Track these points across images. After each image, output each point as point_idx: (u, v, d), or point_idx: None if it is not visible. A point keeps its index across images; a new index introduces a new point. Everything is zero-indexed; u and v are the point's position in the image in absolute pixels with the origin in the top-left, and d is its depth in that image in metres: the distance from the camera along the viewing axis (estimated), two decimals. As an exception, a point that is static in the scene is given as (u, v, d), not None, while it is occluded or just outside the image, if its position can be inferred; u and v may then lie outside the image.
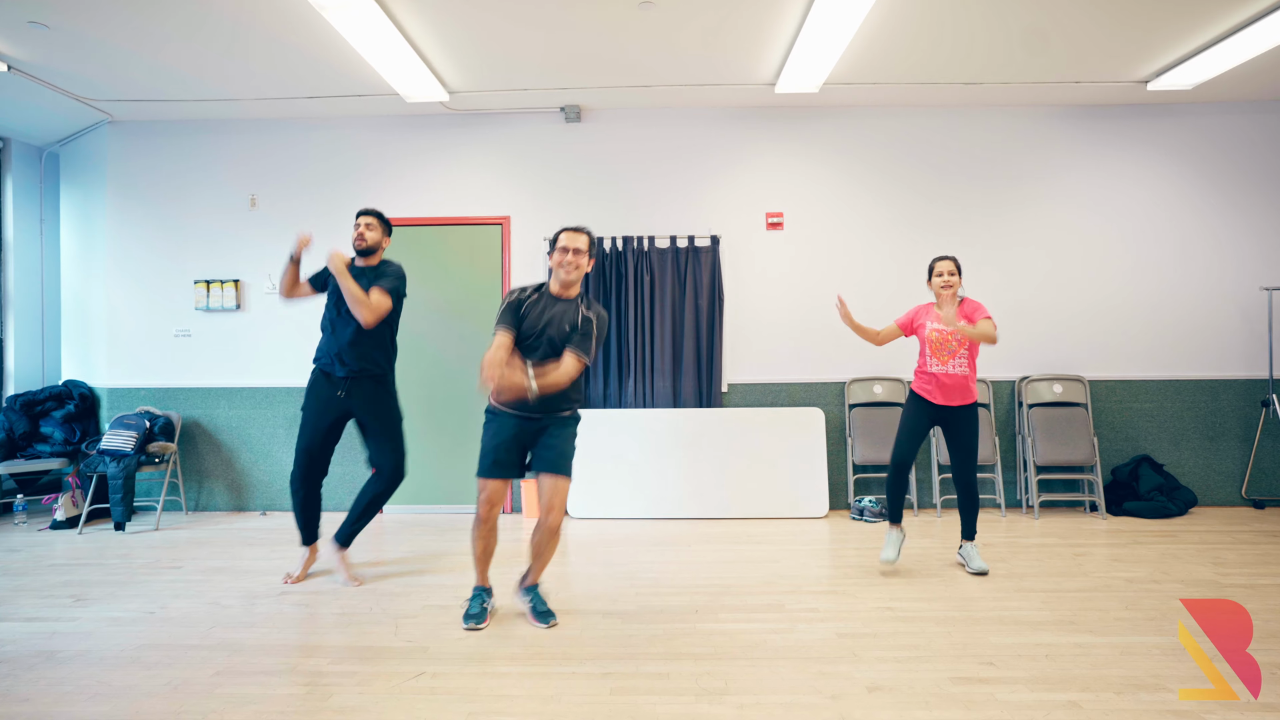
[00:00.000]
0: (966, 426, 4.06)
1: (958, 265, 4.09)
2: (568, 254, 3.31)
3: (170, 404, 5.83)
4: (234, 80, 5.17)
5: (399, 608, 3.58)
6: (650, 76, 5.23)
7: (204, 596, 3.76)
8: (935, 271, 4.10)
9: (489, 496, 3.32)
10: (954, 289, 4.05)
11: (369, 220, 4.03)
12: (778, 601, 3.63)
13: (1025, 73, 5.14)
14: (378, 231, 4.04)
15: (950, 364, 4.00)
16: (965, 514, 4.16)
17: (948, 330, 4.00)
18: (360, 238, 4.00)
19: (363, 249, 4.02)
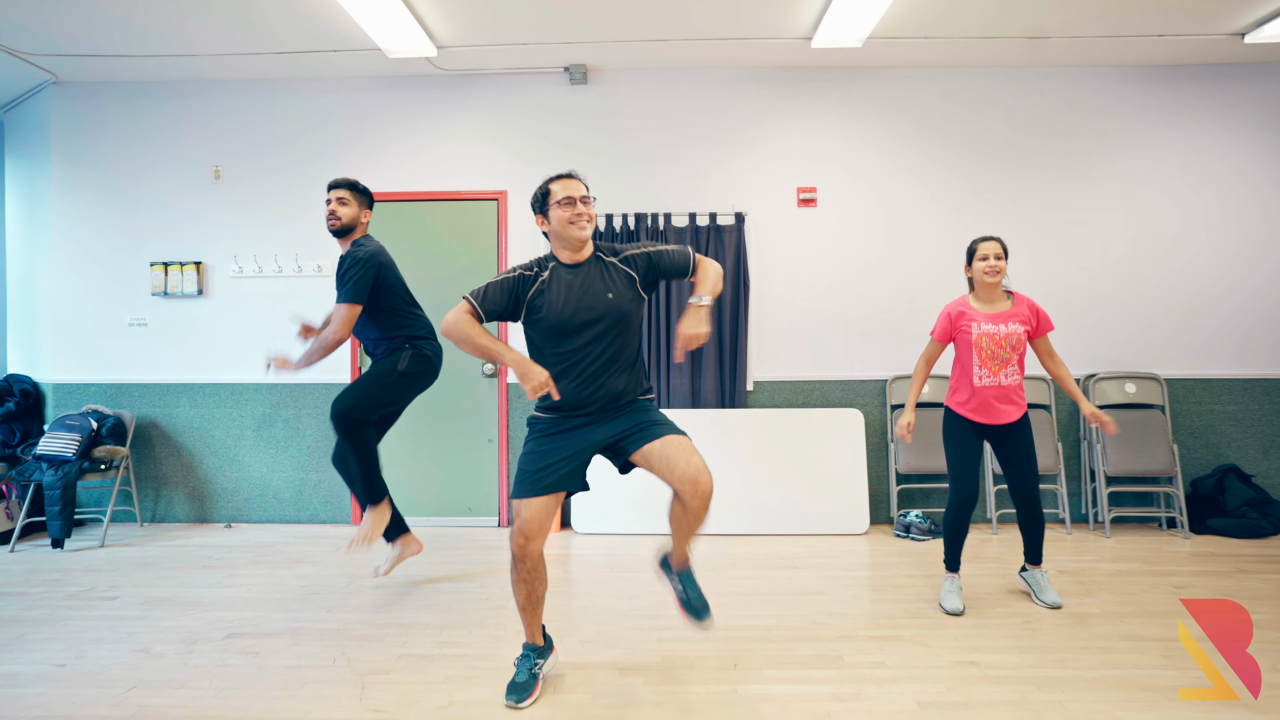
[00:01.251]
0: (1022, 440, 3.37)
1: (1005, 247, 3.36)
2: (575, 205, 2.53)
3: (123, 402, 5.16)
4: (193, 34, 4.49)
5: (368, 658, 2.91)
6: (668, 30, 4.54)
7: (133, 640, 3.10)
8: (979, 254, 3.36)
9: (526, 525, 2.45)
10: (1002, 275, 3.33)
11: (340, 194, 3.41)
12: (833, 652, 2.96)
13: (1099, 25, 4.45)
14: (353, 207, 3.40)
15: (1003, 374, 3.30)
16: (1029, 535, 3.49)
17: (1002, 333, 3.29)
18: (332, 215, 3.39)
19: (337, 229, 3.41)
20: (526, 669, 2.60)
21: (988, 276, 3.33)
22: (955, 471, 3.39)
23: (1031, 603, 3.46)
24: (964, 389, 3.38)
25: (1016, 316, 3.33)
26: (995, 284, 3.34)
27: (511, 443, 5.09)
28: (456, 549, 4.51)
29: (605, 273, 2.57)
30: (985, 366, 3.31)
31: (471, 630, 3.21)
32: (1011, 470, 3.40)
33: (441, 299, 5.08)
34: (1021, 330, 3.31)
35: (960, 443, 3.39)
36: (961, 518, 3.40)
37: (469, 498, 5.12)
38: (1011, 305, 3.37)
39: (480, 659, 2.91)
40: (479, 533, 4.92)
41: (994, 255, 3.32)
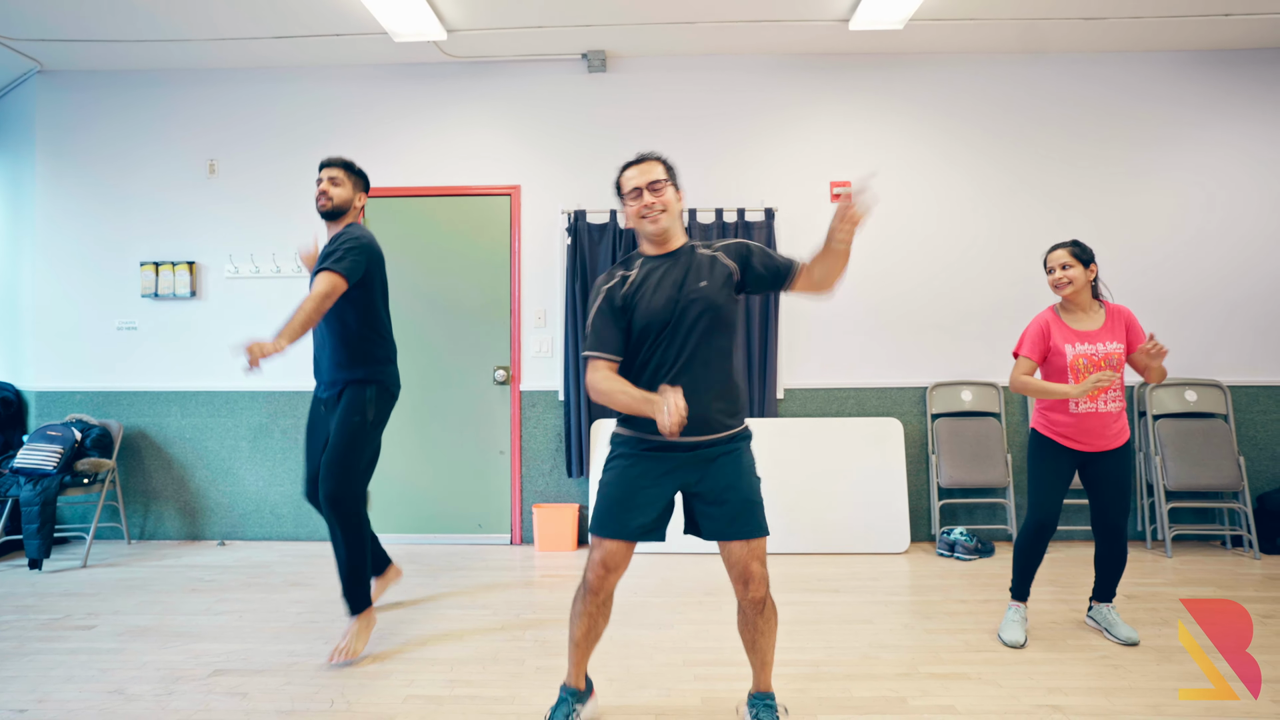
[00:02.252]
0: (1119, 466, 2.99)
1: (1079, 253, 2.96)
2: (642, 196, 2.21)
3: (110, 410, 4.83)
4: (187, 18, 4.20)
5: (370, 701, 2.57)
6: (694, 12, 4.23)
7: (107, 678, 2.76)
8: (1046, 265, 3.01)
9: (605, 558, 2.21)
10: (1077, 286, 2.94)
11: (333, 173, 3.04)
12: (894, 693, 2.62)
13: (1160, 5, 4.13)
14: (346, 188, 3.05)
15: (1103, 399, 2.92)
16: (1106, 570, 3.12)
17: (1101, 353, 2.92)
18: (323, 195, 3.02)
19: (328, 210, 3.03)
20: (564, 715, 2.29)
21: (1057, 290, 2.98)
22: (1035, 496, 3.03)
23: (1104, 638, 3.11)
24: (1059, 415, 2.98)
25: (1113, 334, 2.94)
26: (1072, 296, 2.97)
27: (524, 454, 4.76)
28: (467, 570, 4.18)
29: (699, 263, 2.24)
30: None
31: (486, 666, 2.87)
32: (1099, 497, 3.02)
33: (450, 301, 4.79)
34: (1121, 349, 2.93)
35: (1048, 464, 3.01)
36: (1037, 542, 3.04)
37: (480, 514, 4.78)
38: (1105, 320, 2.98)
39: (496, 701, 2.57)
40: (490, 551, 4.59)
41: (1059, 265, 2.96)
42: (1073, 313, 3.02)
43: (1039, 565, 3.12)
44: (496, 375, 4.79)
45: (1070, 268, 2.95)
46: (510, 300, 4.80)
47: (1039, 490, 3.04)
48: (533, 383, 4.77)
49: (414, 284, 4.72)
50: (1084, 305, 3.00)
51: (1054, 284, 2.99)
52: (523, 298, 4.78)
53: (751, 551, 2.17)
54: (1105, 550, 3.08)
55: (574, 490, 4.75)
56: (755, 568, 2.17)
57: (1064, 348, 2.96)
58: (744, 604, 2.22)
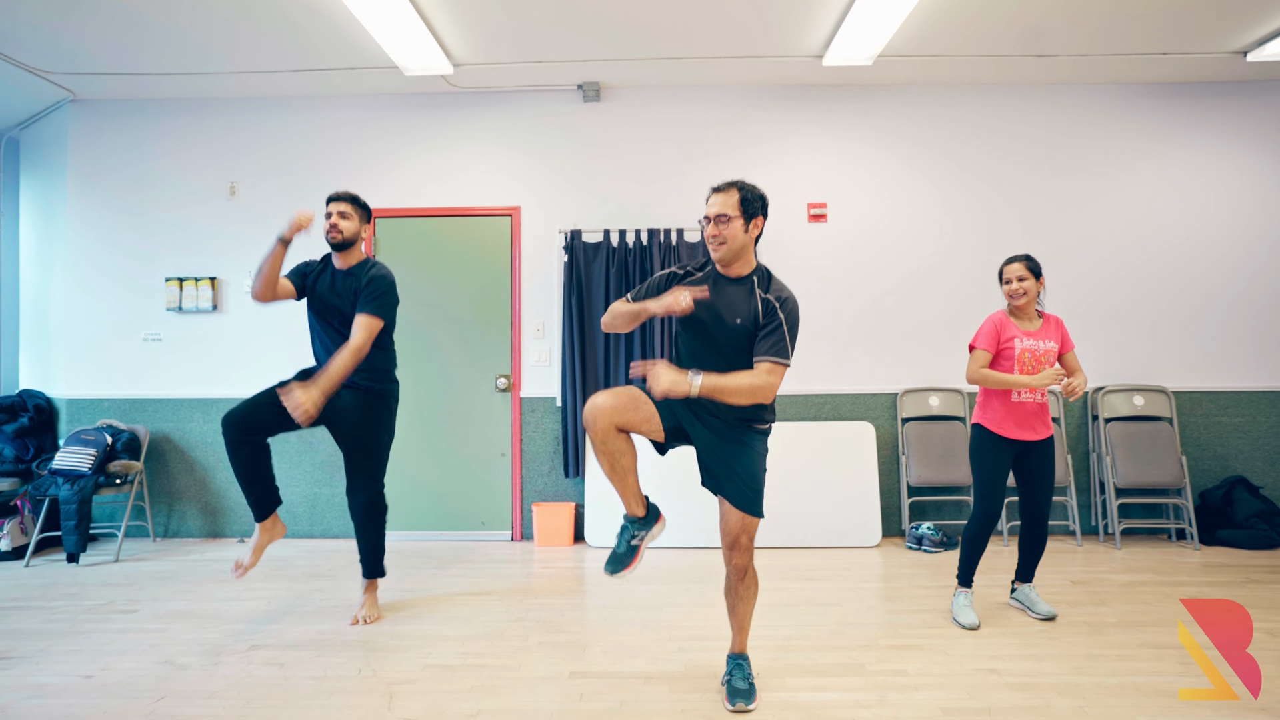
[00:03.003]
0: (1046, 458, 3.39)
1: (1032, 266, 3.36)
2: (709, 224, 2.53)
3: (137, 416, 5.18)
4: (212, 51, 4.56)
5: (393, 669, 2.93)
6: (680, 48, 4.62)
7: (157, 651, 3.11)
8: (1004, 277, 3.40)
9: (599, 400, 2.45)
10: (1030, 297, 3.35)
11: (342, 208, 3.37)
12: (854, 661, 2.99)
13: (1105, 44, 4.54)
14: (354, 221, 3.39)
15: (1038, 391, 3.31)
16: (1030, 551, 3.50)
17: (1042, 349, 3.33)
18: (334, 229, 3.34)
19: (338, 243, 3.36)
20: (625, 540, 2.64)
21: (1013, 300, 3.37)
22: (983, 488, 3.40)
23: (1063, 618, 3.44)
24: (1000, 405, 3.35)
25: (1049, 335, 3.37)
26: (1024, 305, 3.36)
27: (525, 456, 5.12)
28: (471, 563, 4.53)
29: (748, 299, 2.53)
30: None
31: (493, 641, 3.22)
32: (1029, 486, 3.41)
33: (455, 314, 5.15)
34: (1055, 348, 3.37)
35: (991, 460, 3.38)
36: (984, 533, 3.41)
37: (482, 512, 5.14)
38: (1043, 324, 3.40)
39: (504, 669, 2.93)
40: (493, 546, 4.94)
41: (1016, 278, 3.35)
42: (1019, 317, 3.41)
43: (983, 553, 3.48)
44: (498, 383, 5.16)
45: (1025, 280, 3.34)
46: (511, 313, 5.17)
47: (984, 484, 3.41)
48: (532, 390, 5.14)
49: (422, 298, 5.08)
50: (1030, 313, 3.41)
51: (1009, 293, 3.38)
52: (523, 311, 5.15)
53: (745, 524, 2.54)
54: (1031, 535, 3.46)
55: (571, 490, 5.11)
56: (744, 540, 2.54)
57: (1013, 342, 3.35)
58: (729, 568, 2.58)
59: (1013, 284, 3.36)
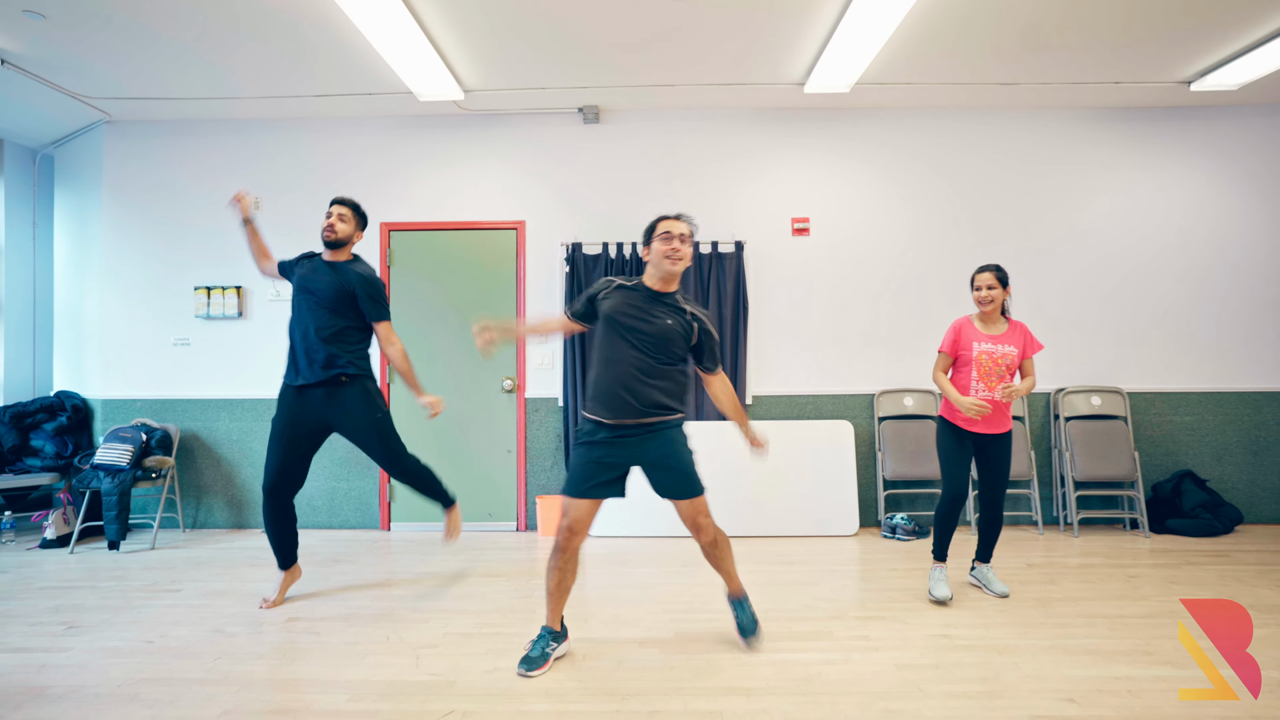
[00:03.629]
0: (1005, 452, 3.78)
1: (1000, 276, 3.73)
2: (672, 241, 2.89)
3: (168, 416, 5.57)
4: (241, 76, 4.94)
5: (418, 636, 3.32)
6: (673, 76, 5.02)
7: (206, 623, 3.50)
8: (974, 284, 3.77)
9: (571, 522, 2.92)
10: (997, 304, 3.72)
11: (342, 211, 3.76)
12: (824, 628, 3.39)
13: (1063, 73, 4.95)
14: (350, 224, 3.78)
15: (998, 390, 3.68)
16: (988, 535, 3.90)
17: (999, 353, 3.70)
18: (330, 229, 3.72)
19: (332, 241, 3.73)
20: (541, 647, 3.00)
21: (981, 306, 3.74)
22: (949, 472, 3.78)
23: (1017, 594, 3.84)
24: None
25: (1012, 340, 3.72)
26: (991, 311, 3.73)
27: (529, 454, 5.51)
28: (481, 550, 4.92)
29: (676, 312, 2.96)
30: (982, 381, 3.68)
31: (505, 615, 3.62)
32: (988, 475, 3.80)
33: (464, 321, 5.52)
34: (1015, 352, 3.70)
35: (953, 447, 3.77)
36: (953, 512, 3.79)
37: (489, 504, 5.53)
38: (1008, 329, 3.75)
39: (516, 636, 3.32)
40: (500, 536, 5.33)
41: (986, 286, 3.71)
42: (985, 322, 3.78)
43: (954, 531, 3.87)
44: (504, 385, 5.55)
45: (994, 288, 3.71)
46: (516, 319, 5.57)
47: (949, 468, 3.79)
48: (536, 391, 5.54)
49: (433, 305, 5.47)
50: (995, 318, 3.78)
51: (979, 299, 3.75)
52: (527, 317, 5.55)
53: (695, 508, 2.96)
54: (989, 519, 3.85)
55: (571, 483, 5.50)
56: (701, 520, 2.98)
57: (971, 344, 3.73)
58: (701, 543, 3.06)
59: (982, 291, 3.73)
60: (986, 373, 3.69)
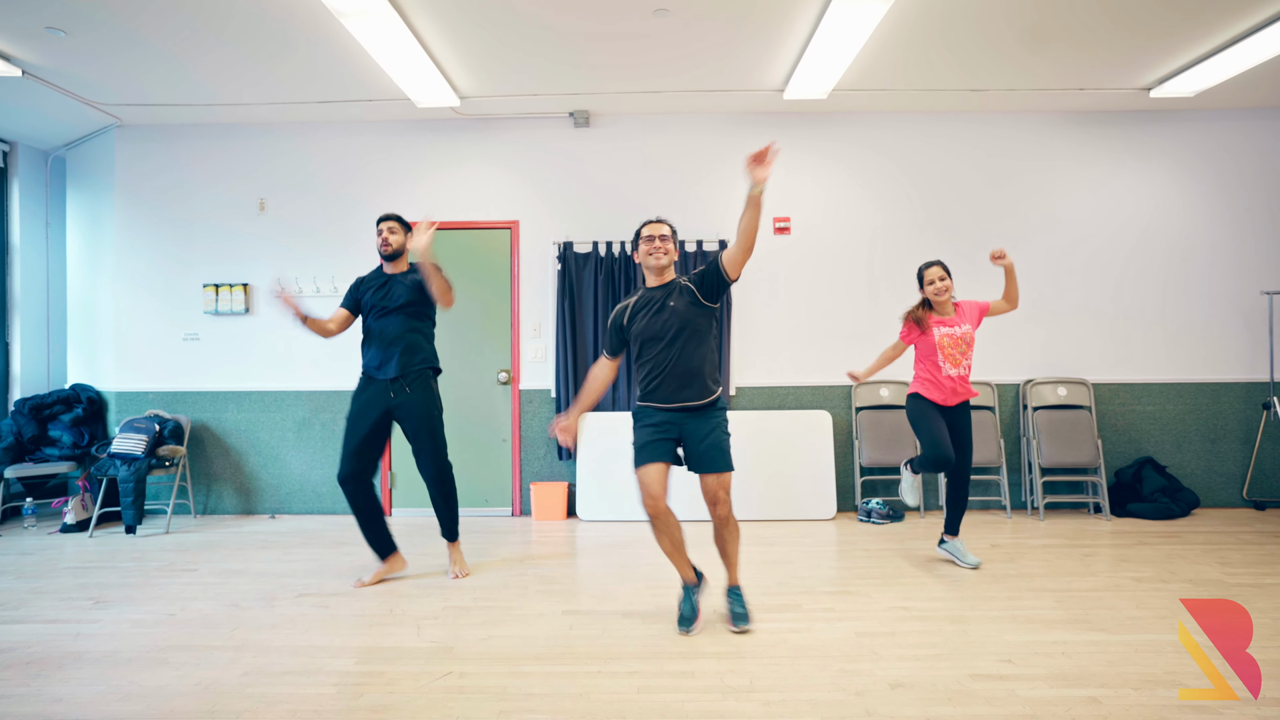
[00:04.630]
0: (966, 421, 4.15)
1: (946, 269, 4.13)
2: (653, 240, 3.27)
3: (179, 407, 5.84)
4: (247, 85, 5.19)
5: (419, 609, 3.61)
6: (660, 83, 5.27)
7: (222, 599, 3.78)
8: (926, 280, 4.13)
9: (648, 487, 3.20)
10: (950, 294, 4.10)
11: (391, 225, 4.11)
12: (794, 602, 3.67)
13: (1029, 80, 5.21)
14: (401, 235, 4.12)
15: (962, 365, 4.05)
16: (956, 507, 4.22)
17: (958, 334, 4.05)
18: (385, 243, 4.08)
19: (389, 254, 4.09)
20: (690, 604, 3.33)
21: (938, 296, 4.08)
22: (930, 435, 4.03)
23: (970, 572, 4.14)
24: (931, 381, 4.08)
25: (963, 319, 4.10)
26: (945, 301, 4.09)
27: (523, 443, 5.79)
28: (478, 533, 5.20)
29: (679, 292, 3.25)
30: (949, 360, 4.04)
31: (499, 590, 3.90)
32: (956, 447, 4.09)
33: (461, 316, 5.82)
34: (970, 329, 4.08)
35: (928, 416, 4.07)
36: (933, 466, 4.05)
37: (486, 490, 5.82)
38: (957, 312, 4.12)
39: (509, 608, 3.60)
40: (496, 521, 5.62)
41: (938, 278, 4.08)
42: (938, 311, 4.14)
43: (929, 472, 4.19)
44: (500, 377, 5.82)
45: (945, 279, 4.09)
46: (511, 315, 5.84)
47: (930, 431, 4.04)
48: (530, 383, 5.81)
49: (432, 302, 5.73)
50: (948, 306, 4.13)
51: (933, 291, 4.09)
52: (521, 313, 5.82)
53: (720, 482, 3.23)
54: (957, 490, 4.18)
55: (564, 471, 5.78)
56: (720, 494, 3.23)
57: (933, 330, 4.08)
58: (714, 519, 3.27)
59: (935, 284, 4.08)
60: (950, 354, 4.05)
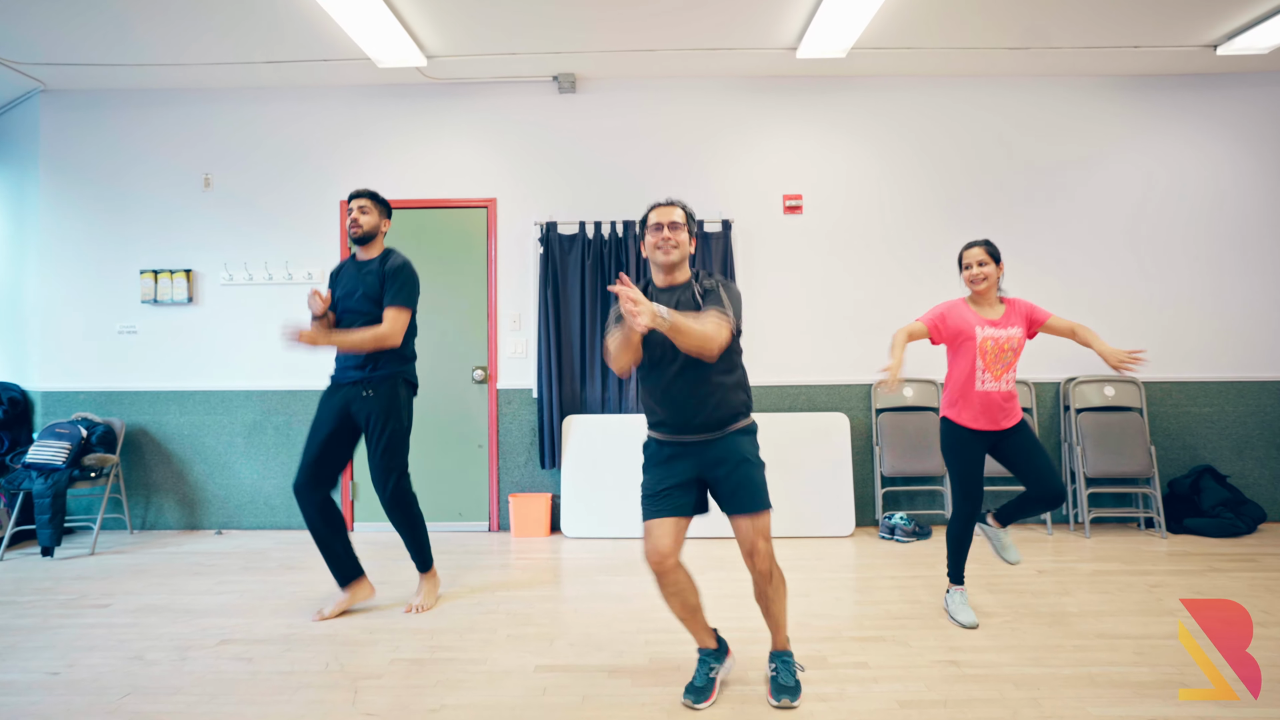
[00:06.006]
0: (1028, 437, 3.31)
1: (992, 251, 3.30)
2: (662, 230, 2.56)
3: (113, 409, 5.17)
4: (183, 41, 4.52)
5: (360, 663, 2.96)
6: (655, 39, 4.61)
7: (126, 647, 3.12)
8: (964, 262, 3.34)
9: (655, 544, 2.52)
10: (991, 282, 3.28)
11: (362, 203, 3.48)
12: (817, 653, 3.03)
13: (1077, 37, 4.55)
14: (374, 215, 3.49)
15: (1004, 379, 3.25)
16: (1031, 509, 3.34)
17: (1004, 336, 3.25)
18: (355, 224, 3.46)
19: (359, 236, 3.48)
20: (704, 674, 2.68)
21: (973, 285, 3.29)
22: (963, 485, 3.34)
23: (1028, 612, 3.48)
24: (964, 397, 3.30)
25: (1012, 320, 3.28)
26: (984, 290, 3.30)
27: (501, 448, 5.14)
28: (448, 553, 4.56)
29: (691, 299, 2.57)
30: (989, 370, 3.25)
31: (462, 635, 3.25)
32: (1028, 467, 3.28)
33: (432, 306, 5.12)
34: (1020, 334, 3.27)
35: (964, 453, 3.33)
36: (968, 528, 3.38)
37: (459, 503, 5.16)
38: (1006, 310, 3.31)
39: (471, 663, 2.96)
40: (470, 537, 4.97)
41: (977, 263, 3.28)
42: (980, 304, 3.34)
43: (969, 548, 3.46)
44: (475, 375, 5.17)
45: (985, 264, 3.27)
46: (488, 305, 5.17)
47: (963, 481, 3.35)
48: (509, 382, 5.15)
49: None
50: (991, 299, 3.33)
51: (970, 279, 3.31)
52: (499, 303, 5.16)
53: (756, 528, 2.54)
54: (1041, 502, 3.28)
55: (547, 481, 5.13)
56: (760, 544, 2.53)
57: (974, 330, 3.26)
58: (754, 574, 2.58)
59: (973, 269, 3.29)
60: (994, 360, 3.28)
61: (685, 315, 2.37)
